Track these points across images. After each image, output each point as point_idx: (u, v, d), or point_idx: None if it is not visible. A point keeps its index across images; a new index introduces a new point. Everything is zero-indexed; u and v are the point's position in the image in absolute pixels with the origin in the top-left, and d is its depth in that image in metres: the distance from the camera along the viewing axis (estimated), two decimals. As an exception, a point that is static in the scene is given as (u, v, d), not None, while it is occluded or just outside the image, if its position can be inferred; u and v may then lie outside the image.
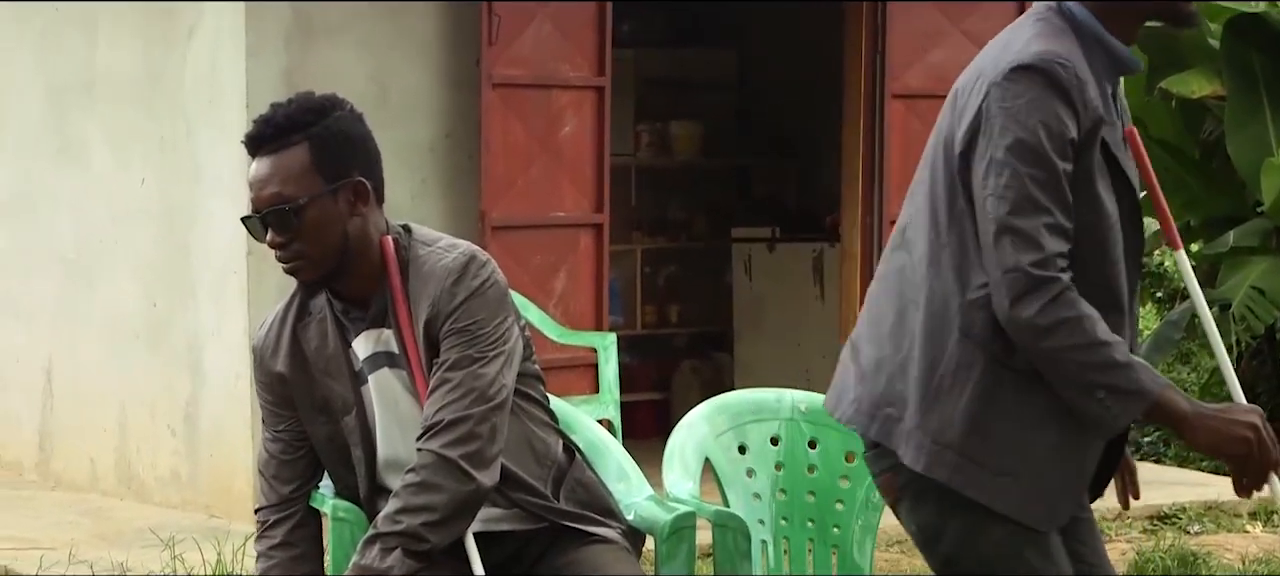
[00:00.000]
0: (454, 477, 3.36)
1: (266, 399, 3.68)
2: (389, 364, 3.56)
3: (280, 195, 3.49)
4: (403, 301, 3.49)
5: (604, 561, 3.53)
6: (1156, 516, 7.97)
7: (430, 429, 3.40)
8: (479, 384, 3.41)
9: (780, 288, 10.22)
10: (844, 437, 4.11)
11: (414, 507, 3.36)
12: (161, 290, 7.94)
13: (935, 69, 8.42)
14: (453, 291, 3.48)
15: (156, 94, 7.93)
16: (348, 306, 3.58)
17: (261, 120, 3.56)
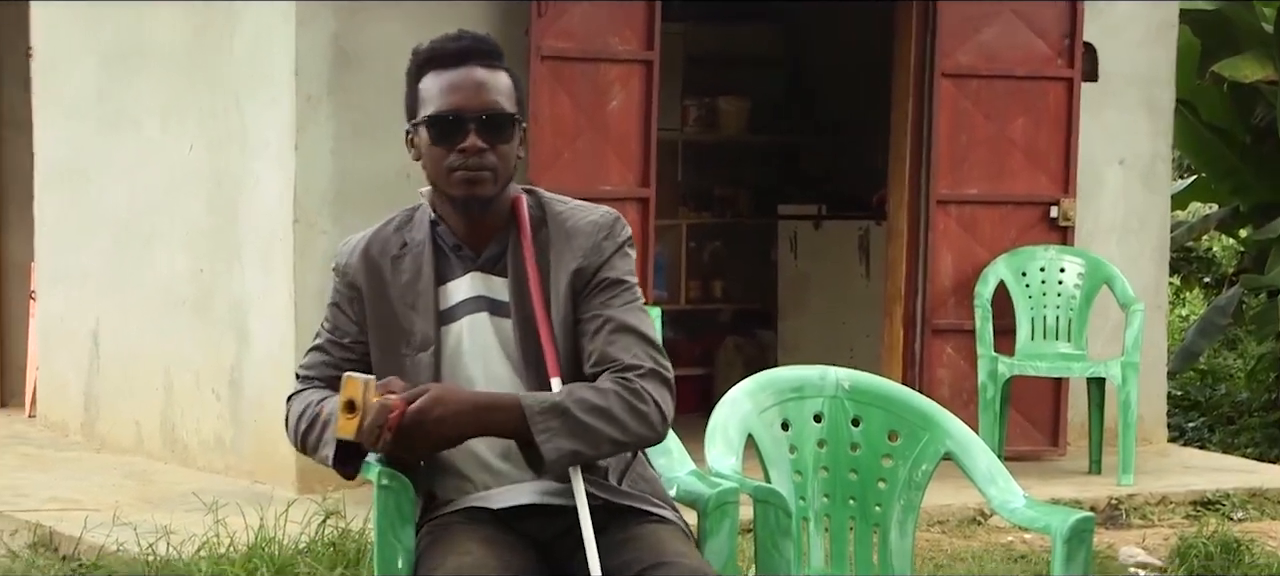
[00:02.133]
0: (643, 423, 3.46)
1: (342, 314, 3.64)
2: (490, 309, 3.55)
3: (499, 105, 3.51)
4: (531, 253, 3.52)
5: (661, 538, 3.52)
6: (1200, 502, 7.94)
7: (627, 368, 3.46)
8: (654, 337, 3.55)
9: (825, 265, 10.21)
10: (887, 416, 4.10)
11: (620, 419, 3.42)
12: (208, 256, 7.98)
13: (985, 48, 8.39)
14: (602, 245, 3.55)
15: (206, 62, 7.95)
16: (460, 244, 3.57)
17: (465, 35, 3.57)
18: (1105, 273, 8.45)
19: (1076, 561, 3.81)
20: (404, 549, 3.55)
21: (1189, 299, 15.46)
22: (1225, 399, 11.90)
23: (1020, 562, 6.80)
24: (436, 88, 3.53)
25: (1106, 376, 8.19)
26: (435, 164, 3.53)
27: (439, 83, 3.53)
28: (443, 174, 3.53)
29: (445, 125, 3.50)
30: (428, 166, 3.56)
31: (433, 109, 3.52)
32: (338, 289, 3.66)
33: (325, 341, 3.68)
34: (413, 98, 3.57)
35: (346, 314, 3.64)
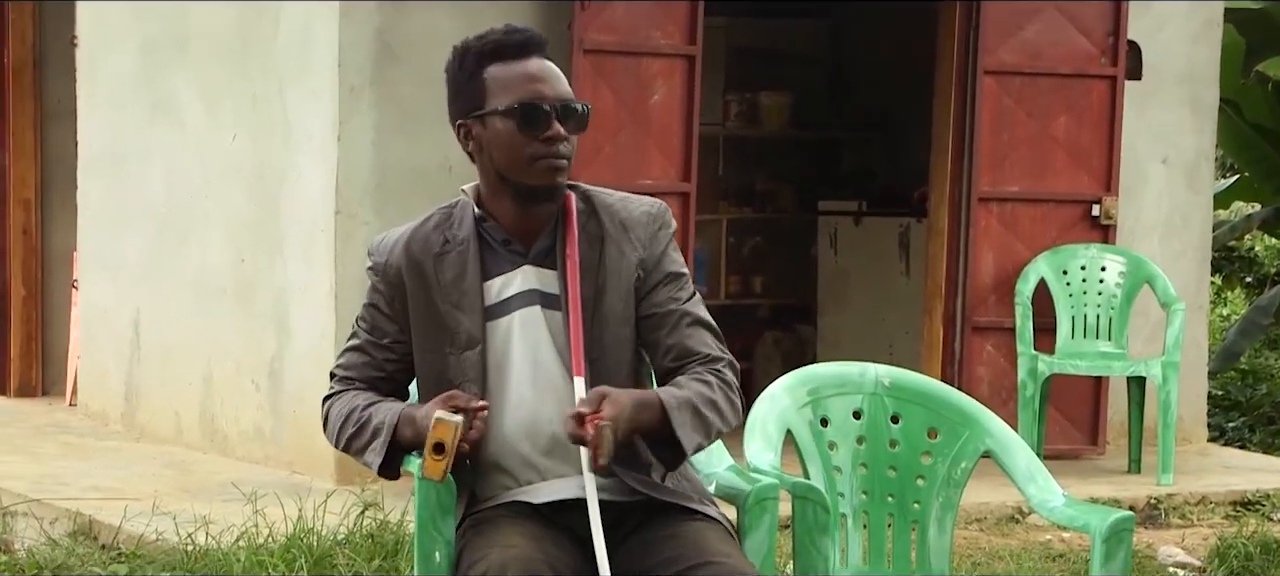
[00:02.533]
0: (737, 413, 3.58)
1: (381, 314, 3.62)
2: (542, 303, 3.55)
3: (573, 95, 3.55)
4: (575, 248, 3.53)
5: (705, 537, 3.51)
6: (1239, 502, 7.91)
7: (711, 360, 3.57)
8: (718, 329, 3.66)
9: (865, 262, 10.19)
10: (927, 414, 4.10)
11: (724, 411, 3.53)
12: (250, 246, 8.00)
13: (1029, 46, 8.36)
14: (658, 236, 3.61)
15: (249, 51, 7.98)
16: (510, 238, 3.56)
17: (520, 28, 3.57)
18: (1146, 271, 8.42)
19: (1115, 561, 3.80)
20: (444, 541, 3.55)
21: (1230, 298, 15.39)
22: (1266, 399, 11.84)
23: (1058, 561, 6.78)
24: (512, 77, 3.50)
25: (1147, 375, 8.16)
26: (514, 153, 3.49)
27: (513, 72, 3.51)
28: (523, 163, 3.49)
29: (532, 113, 3.48)
30: (501, 156, 3.50)
31: (516, 97, 3.48)
32: (376, 288, 3.64)
33: (364, 341, 3.67)
34: (476, 89, 3.52)
35: (385, 313, 3.62)
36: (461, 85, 3.55)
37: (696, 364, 3.56)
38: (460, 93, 3.55)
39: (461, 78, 3.54)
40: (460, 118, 3.55)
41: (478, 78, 3.52)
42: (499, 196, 3.56)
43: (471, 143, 3.55)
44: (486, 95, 3.51)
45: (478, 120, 3.52)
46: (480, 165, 3.57)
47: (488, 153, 3.53)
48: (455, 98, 3.56)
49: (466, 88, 3.53)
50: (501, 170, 3.53)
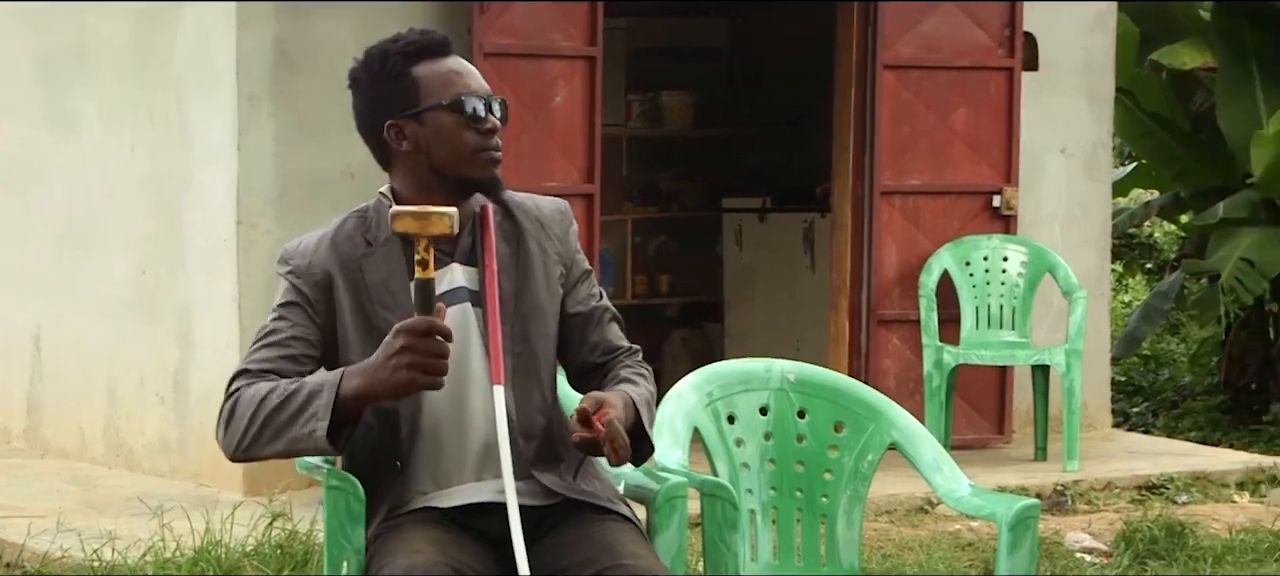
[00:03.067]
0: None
1: (302, 311, 3.53)
2: (471, 300, 3.54)
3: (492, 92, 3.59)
4: (493, 256, 3.53)
5: (618, 537, 3.52)
6: (1144, 486, 8.00)
7: (628, 352, 3.69)
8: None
9: (771, 257, 10.23)
10: (832, 408, 4.12)
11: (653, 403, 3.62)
12: (152, 259, 7.94)
13: (927, 39, 8.42)
14: (569, 233, 3.68)
15: (147, 64, 7.92)
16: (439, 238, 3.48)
17: (431, 30, 3.59)
18: (1048, 261, 8.50)
19: (1021, 548, 3.84)
20: (353, 549, 3.54)
21: (1131, 285, 15.55)
22: (1168, 383, 11.98)
23: (967, 550, 6.84)
24: (442, 74, 3.52)
25: (1051, 364, 8.23)
26: (457, 147, 3.49)
27: (442, 69, 3.52)
28: (465, 156, 3.49)
29: (473, 107, 3.50)
30: (442, 151, 3.50)
31: (454, 92, 3.50)
32: (296, 289, 3.55)
33: (283, 337, 3.54)
34: (406, 88, 3.50)
35: (308, 312, 3.54)
36: (387, 86, 3.52)
37: (623, 356, 3.67)
38: (388, 93, 3.52)
39: (386, 78, 3.52)
40: (391, 117, 3.52)
41: (407, 76, 3.51)
42: (430, 193, 3.52)
43: (405, 142, 3.52)
44: (420, 93, 3.51)
45: (412, 118, 3.51)
46: (408, 165, 3.54)
47: (424, 150, 3.52)
48: (381, 99, 3.53)
49: (395, 87, 3.52)
50: (441, 165, 3.51)
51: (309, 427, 3.34)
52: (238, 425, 3.42)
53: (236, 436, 3.42)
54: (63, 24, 8.39)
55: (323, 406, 3.33)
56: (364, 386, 3.32)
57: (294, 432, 3.36)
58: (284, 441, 3.38)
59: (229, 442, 3.44)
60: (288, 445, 3.38)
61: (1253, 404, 10.73)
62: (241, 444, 3.42)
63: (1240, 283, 9.78)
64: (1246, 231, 10.14)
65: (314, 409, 3.34)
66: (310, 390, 3.36)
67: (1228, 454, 8.92)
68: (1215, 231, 10.39)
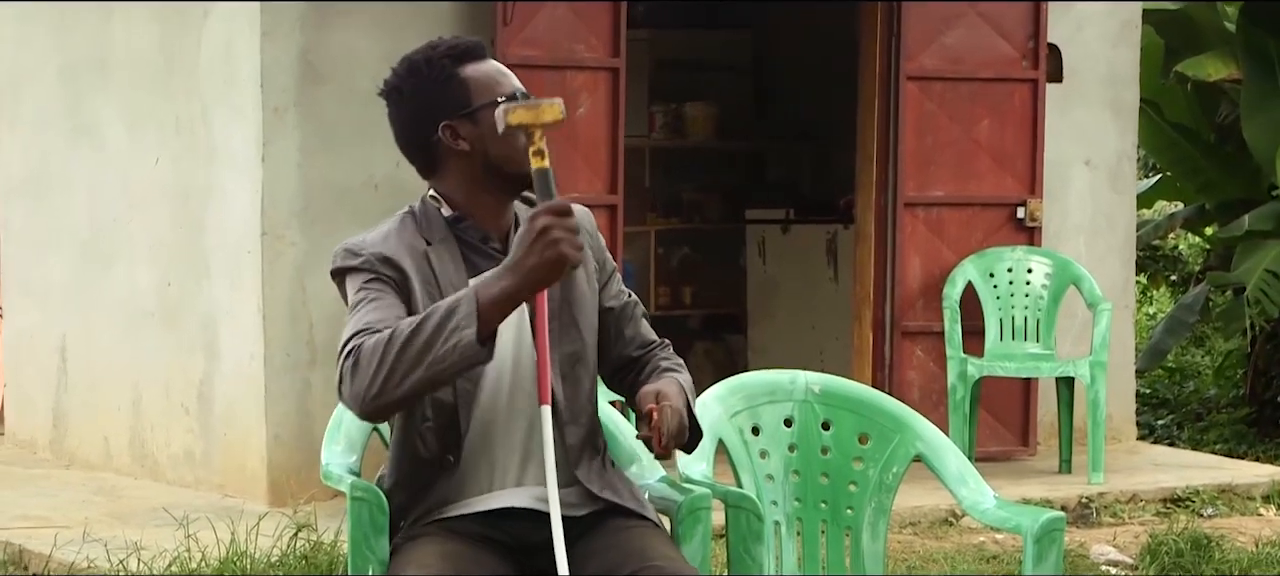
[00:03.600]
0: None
1: (387, 288, 3.46)
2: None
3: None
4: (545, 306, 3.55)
5: (648, 540, 3.54)
6: (1169, 499, 7.97)
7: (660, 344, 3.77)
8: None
9: (794, 269, 10.22)
10: (857, 419, 4.11)
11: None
12: (176, 269, 7.96)
13: (950, 51, 8.41)
14: (597, 232, 3.72)
15: (172, 74, 7.93)
16: (488, 236, 3.56)
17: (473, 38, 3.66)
18: (1072, 272, 8.48)
19: (1047, 561, 3.83)
20: (377, 560, 3.54)
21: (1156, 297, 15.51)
22: (1193, 396, 11.94)
23: (992, 563, 6.82)
24: (490, 73, 3.58)
25: (1075, 376, 8.21)
26: (511, 143, 3.51)
27: (488, 70, 3.58)
28: (521, 152, 3.47)
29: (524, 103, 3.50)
30: (498, 148, 3.52)
31: (507, 89, 3.55)
32: (375, 272, 3.48)
33: (384, 300, 3.44)
34: (458, 89, 3.54)
35: (392, 288, 3.48)
36: (438, 88, 3.55)
37: (657, 349, 3.75)
38: (438, 96, 3.56)
39: (436, 82, 3.56)
40: (446, 118, 3.54)
41: (457, 78, 3.56)
42: (483, 193, 3.56)
43: (461, 141, 3.55)
44: (471, 92, 3.55)
45: (467, 117, 3.54)
46: (462, 165, 3.56)
47: (480, 149, 3.55)
48: (432, 102, 3.56)
49: (446, 89, 3.55)
50: (498, 162, 3.54)
51: (453, 340, 3.21)
52: (366, 371, 3.26)
53: (365, 382, 3.26)
54: (87, 35, 8.42)
55: (465, 316, 3.21)
56: (512, 285, 3.24)
57: (437, 352, 3.22)
58: (425, 366, 3.23)
59: (357, 392, 3.28)
60: (431, 368, 3.22)
61: (1278, 416, 10.69)
62: (373, 387, 3.26)
63: (1266, 295, 9.75)
64: (1272, 243, 10.10)
65: (455, 321, 3.22)
66: (445, 309, 3.24)
67: (1253, 467, 8.89)
68: (1240, 243, 10.36)
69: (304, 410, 7.48)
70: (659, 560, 3.47)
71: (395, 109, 3.62)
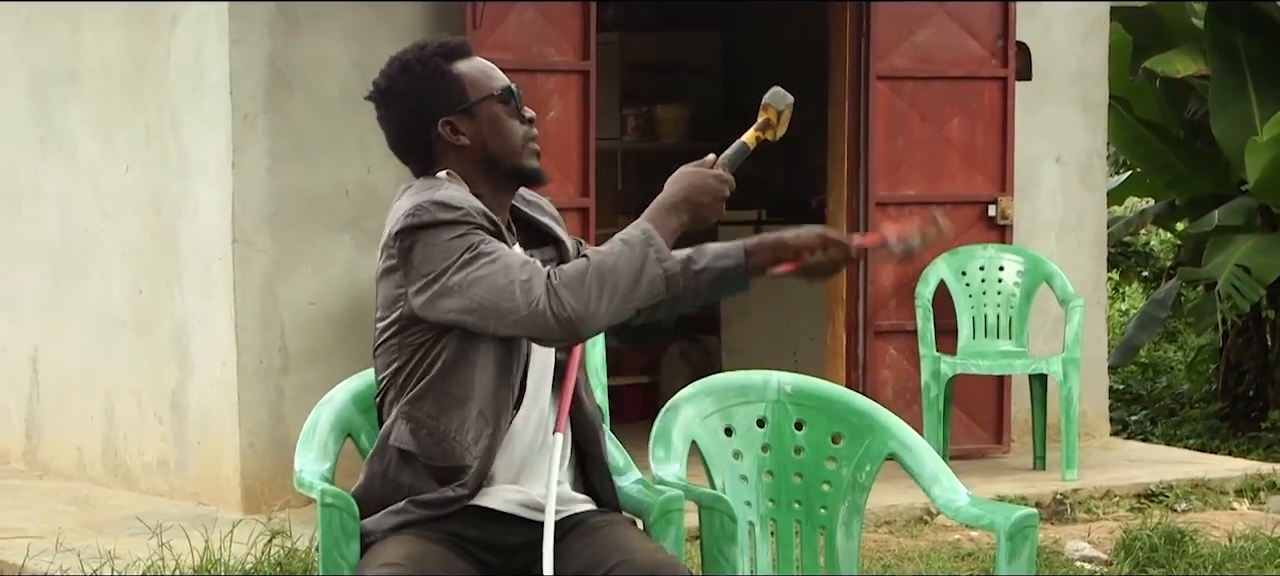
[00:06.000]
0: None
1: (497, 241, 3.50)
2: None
3: None
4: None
5: (626, 533, 3.59)
6: (1143, 494, 7.99)
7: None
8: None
9: (767, 270, 10.20)
10: (830, 419, 4.12)
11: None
12: (148, 278, 7.94)
13: (919, 50, 8.43)
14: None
15: (141, 82, 7.91)
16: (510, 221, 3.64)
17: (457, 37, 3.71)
18: (1044, 270, 8.50)
19: (1020, 557, 3.83)
20: (349, 565, 3.54)
21: (1128, 293, 15.55)
22: (1166, 391, 11.98)
23: (967, 560, 6.83)
24: (483, 68, 3.65)
25: (1048, 372, 8.23)
26: (510, 136, 3.62)
27: (479, 66, 3.65)
28: (518, 145, 3.62)
29: (517, 99, 3.64)
30: (497, 142, 3.60)
31: (501, 83, 3.63)
32: (481, 223, 3.48)
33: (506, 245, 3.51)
34: (454, 85, 3.60)
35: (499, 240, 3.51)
36: (434, 85, 3.60)
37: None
38: (435, 93, 3.60)
39: (431, 79, 3.60)
40: (445, 114, 3.59)
41: (451, 75, 3.61)
42: (482, 185, 3.60)
43: (462, 136, 3.60)
44: (467, 87, 3.61)
45: (465, 112, 3.60)
46: (461, 160, 3.60)
47: (479, 142, 3.60)
48: (429, 99, 3.60)
49: (443, 86, 3.60)
50: (496, 155, 3.61)
51: (659, 270, 3.46)
52: (589, 293, 3.42)
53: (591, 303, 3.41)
54: (55, 44, 8.39)
55: (661, 247, 3.48)
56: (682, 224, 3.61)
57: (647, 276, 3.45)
58: (637, 291, 3.44)
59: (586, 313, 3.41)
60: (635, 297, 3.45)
61: (1251, 410, 10.73)
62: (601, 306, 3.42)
63: (1237, 289, 9.78)
64: (1242, 238, 10.14)
65: (653, 253, 3.47)
66: (641, 239, 3.48)
67: (1226, 461, 8.92)
68: (1211, 238, 10.39)
69: (277, 417, 7.47)
70: (641, 552, 3.51)
71: (388, 109, 3.64)
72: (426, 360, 3.53)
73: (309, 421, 3.83)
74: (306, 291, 7.57)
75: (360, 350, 7.30)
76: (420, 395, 3.54)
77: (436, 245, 3.45)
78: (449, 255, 3.43)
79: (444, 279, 3.43)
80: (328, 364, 7.27)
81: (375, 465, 3.60)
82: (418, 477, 3.55)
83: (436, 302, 3.45)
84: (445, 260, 3.43)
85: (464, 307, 3.42)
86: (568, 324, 3.39)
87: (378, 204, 7.63)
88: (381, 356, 3.59)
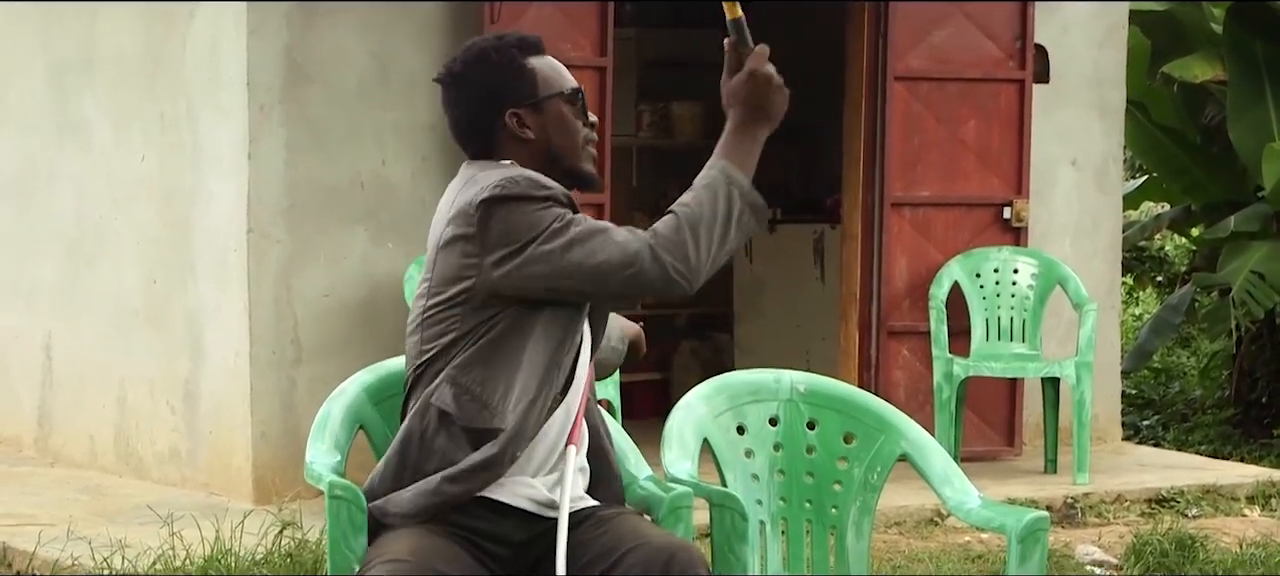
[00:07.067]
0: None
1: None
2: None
3: None
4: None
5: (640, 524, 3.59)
6: (1154, 500, 7.98)
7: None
8: None
9: (781, 269, 10.22)
10: (842, 419, 4.12)
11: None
12: (162, 268, 7.95)
13: (937, 51, 8.42)
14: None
15: (158, 73, 7.92)
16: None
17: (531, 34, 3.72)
18: (1058, 273, 8.49)
19: (1031, 560, 3.83)
20: (356, 558, 3.54)
21: (1142, 298, 15.54)
22: (1179, 397, 11.96)
23: (977, 562, 6.82)
24: (554, 66, 3.69)
25: (1061, 376, 8.22)
26: (573, 136, 3.67)
27: (552, 63, 3.70)
28: (579, 146, 3.68)
29: (583, 101, 3.69)
30: (560, 140, 3.65)
31: (571, 84, 3.68)
32: (568, 204, 3.56)
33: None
34: (528, 78, 3.64)
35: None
36: (507, 76, 3.63)
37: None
38: (507, 84, 3.63)
39: (505, 70, 3.63)
40: (514, 106, 3.62)
41: (526, 67, 3.65)
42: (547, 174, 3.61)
43: (527, 129, 3.64)
44: (538, 83, 3.65)
45: (533, 107, 3.64)
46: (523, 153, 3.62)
47: (543, 138, 3.64)
48: (500, 89, 3.63)
49: (515, 78, 3.64)
50: (558, 154, 3.65)
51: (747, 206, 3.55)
52: (690, 247, 3.51)
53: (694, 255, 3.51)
54: (73, 33, 8.40)
55: (743, 184, 3.55)
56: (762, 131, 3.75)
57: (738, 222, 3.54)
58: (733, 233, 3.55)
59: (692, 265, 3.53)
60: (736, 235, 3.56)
61: (1263, 417, 10.71)
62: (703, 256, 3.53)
63: (1251, 296, 9.76)
64: (1257, 245, 10.12)
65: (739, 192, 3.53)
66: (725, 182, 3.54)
67: (1238, 467, 8.91)
68: (1226, 245, 10.37)
69: (289, 408, 7.48)
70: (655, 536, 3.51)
71: (456, 93, 3.67)
72: (483, 331, 3.52)
73: (321, 413, 3.84)
74: (320, 283, 7.57)
75: (374, 342, 7.33)
76: (469, 362, 3.53)
77: (526, 215, 3.49)
78: (539, 225, 3.48)
79: (535, 246, 3.47)
80: (341, 356, 7.28)
81: (414, 424, 3.57)
82: (453, 441, 3.52)
83: (524, 269, 3.47)
84: (535, 229, 3.47)
85: (561, 272, 3.47)
86: (673, 281, 3.50)
87: (393, 196, 7.64)
88: (431, 327, 3.55)
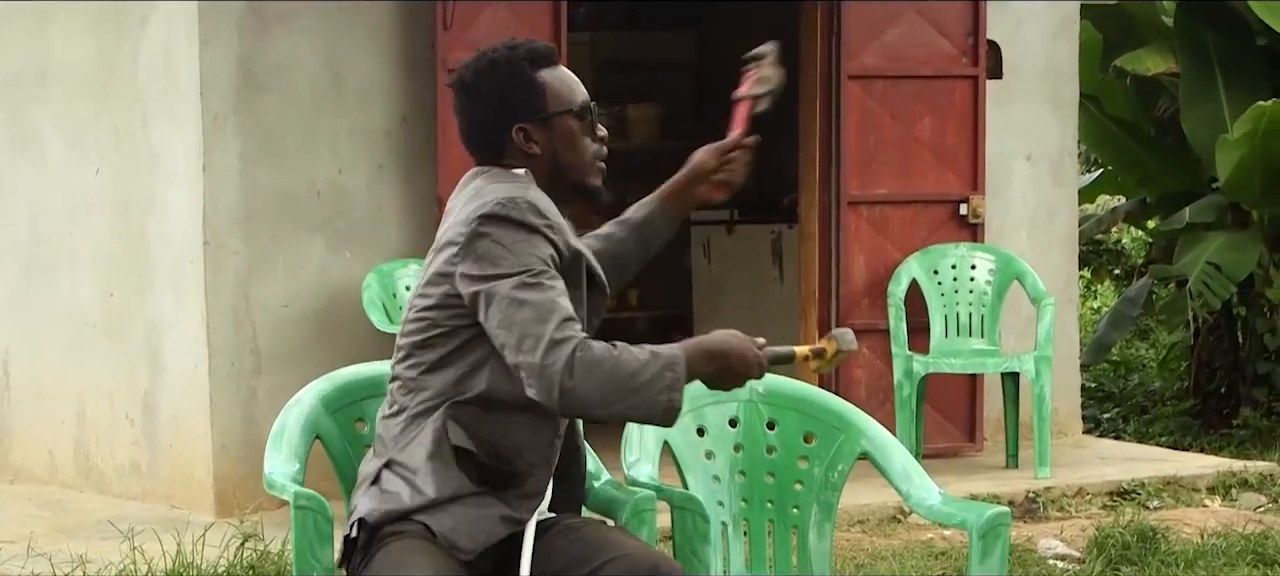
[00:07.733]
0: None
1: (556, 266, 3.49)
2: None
3: None
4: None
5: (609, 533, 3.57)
6: (1116, 492, 8.01)
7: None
8: None
9: (739, 269, 10.23)
10: (802, 418, 4.12)
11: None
12: (119, 280, 7.91)
13: (890, 49, 8.44)
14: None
15: (111, 84, 7.89)
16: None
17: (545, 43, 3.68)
18: (1016, 268, 8.51)
19: (992, 556, 3.84)
20: (322, 568, 3.53)
21: (1100, 291, 15.59)
22: (1138, 389, 12.00)
23: (940, 559, 6.84)
24: (565, 80, 3.64)
25: (1020, 371, 8.25)
26: (581, 153, 3.62)
27: (564, 76, 3.64)
28: (587, 162, 3.63)
29: (593, 116, 3.64)
30: (568, 156, 3.60)
31: (581, 99, 3.62)
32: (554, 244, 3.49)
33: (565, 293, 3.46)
34: (536, 92, 3.59)
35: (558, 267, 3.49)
36: (515, 89, 3.58)
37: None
38: (516, 97, 3.58)
39: (514, 82, 3.58)
40: (521, 121, 3.58)
41: (535, 81, 3.59)
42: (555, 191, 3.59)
43: (534, 144, 3.59)
44: (547, 98, 3.59)
45: (541, 123, 3.58)
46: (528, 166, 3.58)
47: (550, 154, 3.59)
48: (508, 102, 3.58)
49: (524, 91, 3.58)
50: (566, 169, 3.61)
51: (666, 399, 3.37)
52: (592, 382, 3.35)
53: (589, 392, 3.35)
54: (24, 46, 8.36)
55: (678, 380, 3.38)
56: (711, 375, 3.47)
57: (646, 397, 3.36)
58: (633, 406, 3.37)
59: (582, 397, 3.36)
60: (633, 410, 3.38)
61: (1222, 408, 10.75)
62: (591, 399, 3.36)
63: (1208, 287, 9.81)
64: (1213, 235, 10.17)
65: (668, 380, 3.38)
66: (665, 361, 3.39)
67: (1198, 458, 8.94)
68: (1182, 236, 10.42)
69: (250, 419, 7.45)
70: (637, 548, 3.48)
71: (467, 102, 3.63)
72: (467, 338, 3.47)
73: (277, 423, 3.83)
74: (278, 293, 7.55)
75: (333, 351, 7.30)
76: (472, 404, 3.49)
77: (508, 247, 3.42)
78: (512, 267, 3.40)
79: (498, 282, 3.39)
80: (300, 365, 7.25)
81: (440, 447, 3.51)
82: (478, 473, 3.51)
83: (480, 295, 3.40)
84: (510, 266, 3.40)
85: (502, 320, 3.38)
86: (563, 395, 3.34)
87: (349, 204, 7.62)
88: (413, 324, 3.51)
